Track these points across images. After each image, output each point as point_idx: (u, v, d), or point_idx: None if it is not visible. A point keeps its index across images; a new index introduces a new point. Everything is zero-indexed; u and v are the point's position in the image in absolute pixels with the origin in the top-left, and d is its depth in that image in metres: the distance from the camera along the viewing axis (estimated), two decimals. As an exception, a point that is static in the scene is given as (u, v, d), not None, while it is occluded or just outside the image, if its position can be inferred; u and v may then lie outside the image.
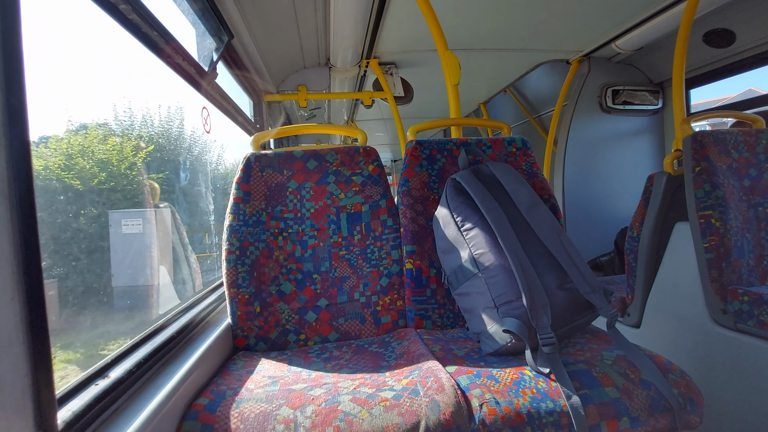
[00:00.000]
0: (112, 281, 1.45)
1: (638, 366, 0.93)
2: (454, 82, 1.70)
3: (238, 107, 2.26)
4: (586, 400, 0.85)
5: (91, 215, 1.31)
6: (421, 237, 1.33)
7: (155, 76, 1.40)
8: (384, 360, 1.07)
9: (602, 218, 2.85)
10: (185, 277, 1.78)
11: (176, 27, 1.35)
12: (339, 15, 2.03)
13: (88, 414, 0.64)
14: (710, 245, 1.49)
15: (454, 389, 0.84)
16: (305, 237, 1.32)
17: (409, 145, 1.42)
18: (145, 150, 1.50)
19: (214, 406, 0.82)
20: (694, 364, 1.53)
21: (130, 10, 1.09)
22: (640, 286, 1.81)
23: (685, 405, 0.88)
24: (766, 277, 1.49)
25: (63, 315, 1.18)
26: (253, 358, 1.12)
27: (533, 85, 3.59)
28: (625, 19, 2.30)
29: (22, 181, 0.51)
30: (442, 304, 1.31)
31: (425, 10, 1.67)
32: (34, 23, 0.84)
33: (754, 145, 1.60)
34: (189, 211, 1.91)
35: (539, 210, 1.18)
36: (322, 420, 0.77)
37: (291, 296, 1.27)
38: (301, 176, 1.35)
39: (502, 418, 0.81)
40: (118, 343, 1.12)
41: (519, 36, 2.47)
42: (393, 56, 2.73)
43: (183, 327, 1.05)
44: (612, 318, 1.04)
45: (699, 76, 2.54)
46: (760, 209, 1.54)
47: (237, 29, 2.00)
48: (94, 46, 1.08)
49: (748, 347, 1.37)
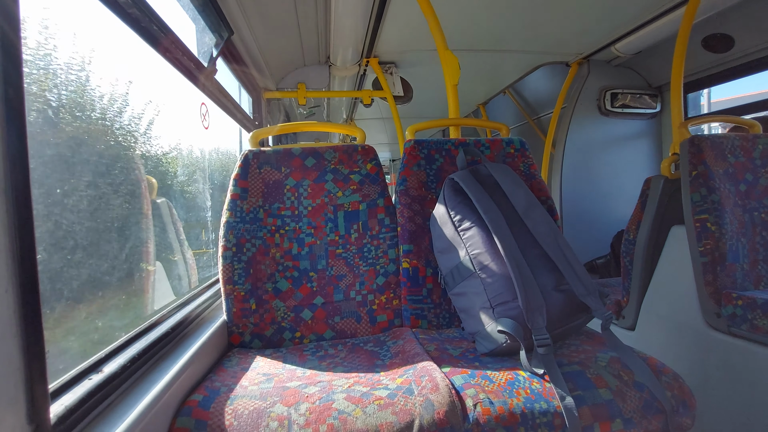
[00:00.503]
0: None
1: (632, 368, 0.93)
2: (454, 83, 1.70)
3: (237, 104, 2.26)
4: (579, 401, 0.85)
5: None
6: (418, 236, 1.33)
7: (154, 70, 1.39)
8: (379, 359, 1.07)
9: (599, 220, 2.86)
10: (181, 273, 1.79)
11: (176, 22, 1.35)
12: (340, 13, 2.03)
13: (81, 408, 0.64)
14: (705, 249, 1.50)
15: (449, 389, 0.84)
16: (302, 235, 1.32)
17: (408, 144, 1.42)
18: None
19: (208, 403, 0.82)
20: (687, 367, 1.54)
21: (131, 4, 1.09)
22: (636, 288, 1.82)
23: (677, 407, 0.88)
24: (760, 281, 1.50)
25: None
26: (248, 355, 1.12)
27: (532, 86, 3.60)
28: (624, 23, 2.31)
29: (19, 174, 0.51)
30: (438, 303, 1.31)
31: (426, 9, 1.67)
32: (33, 19, 0.83)
33: (751, 150, 1.60)
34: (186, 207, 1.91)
35: (536, 211, 1.18)
36: (316, 418, 0.77)
37: (287, 294, 1.27)
38: (299, 174, 1.35)
39: (496, 418, 0.81)
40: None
41: (519, 37, 2.48)
42: (393, 55, 2.73)
43: (178, 323, 1.05)
44: (606, 320, 1.04)
45: (697, 80, 2.55)
46: (756, 214, 1.55)
47: (237, 25, 2.00)
48: (94, 40, 1.08)
49: (741, 351, 1.38)
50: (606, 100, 2.84)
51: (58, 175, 0.92)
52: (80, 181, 1.00)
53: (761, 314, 1.32)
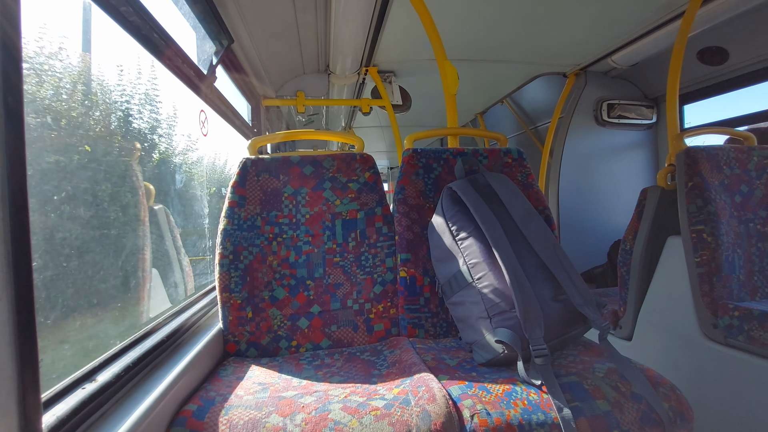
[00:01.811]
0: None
1: (629, 379, 0.93)
2: (452, 92, 1.71)
3: (236, 111, 2.27)
4: (577, 412, 0.85)
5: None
6: (415, 245, 1.33)
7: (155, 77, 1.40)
8: (376, 368, 1.06)
9: (596, 230, 2.87)
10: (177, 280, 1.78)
11: (177, 30, 1.35)
12: (339, 22, 2.05)
13: (74, 418, 0.63)
14: (702, 260, 1.50)
15: (446, 399, 0.84)
16: (300, 243, 1.31)
17: (406, 153, 1.43)
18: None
19: (203, 413, 0.81)
20: (684, 378, 1.54)
21: (132, 12, 1.09)
22: (633, 299, 1.82)
23: (675, 419, 0.88)
24: (756, 292, 1.51)
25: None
26: (243, 364, 1.11)
27: (530, 96, 3.63)
28: (621, 35, 2.34)
29: (16, 179, 0.51)
30: (436, 313, 1.31)
31: (425, 20, 1.69)
32: (34, 23, 0.84)
33: (746, 161, 1.62)
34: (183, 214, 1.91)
35: (534, 221, 1.18)
36: (311, 428, 0.77)
37: (284, 302, 1.26)
38: (298, 182, 1.35)
39: (493, 429, 0.80)
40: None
41: (517, 48, 2.50)
42: (392, 64, 2.75)
43: (173, 331, 1.04)
44: (604, 330, 1.04)
45: (693, 92, 2.58)
46: (751, 225, 1.56)
47: (237, 33, 2.01)
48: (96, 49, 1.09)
49: (738, 362, 1.38)
50: (603, 111, 2.86)
51: (54, 181, 0.92)
52: (77, 187, 0.99)
53: (757, 325, 1.32)
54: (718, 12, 1.95)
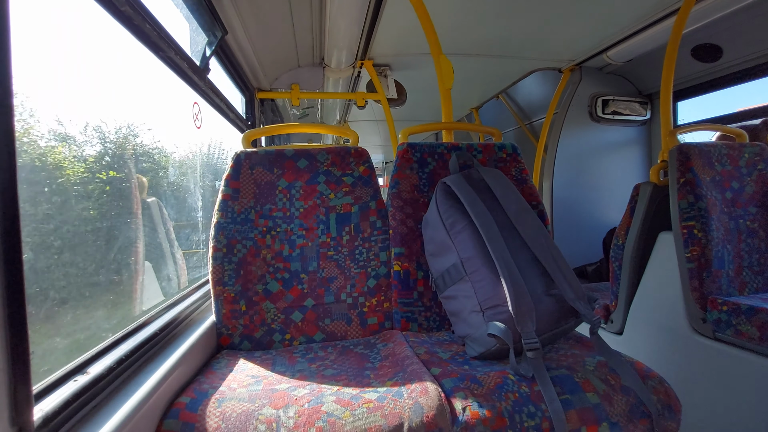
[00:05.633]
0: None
1: (619, 372, 0.94)
2: (447, 87, 1.71)
3: (230, 104, 2.24)
4: (567, 405, 0.86)
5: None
6: (409, 239, 1.34)
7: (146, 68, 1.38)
8: (369, 361, 1.07)
9: (589, 225, 2.90)
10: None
11: (170, 21, 1.34)
12: (335, 15, 2.03)
13: (66, 411, 0.63)
14: (692, 255, 1.52)
15: (438, 392, 0.84)
16: (294, 236, 1.31)
17: (401, 147, 1.42)
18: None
19: (196, 405, 0.81)
20: (673, 372, 1.56)
21: (123, 2, 1.08)
22: (624, 293, 1.84)
23: (663, 411, 0.90)
24: (744, 287, 1.53)
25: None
26: (237, 356, 1.11)
27: (525, 92, 3.63)
28: (616, 31, 2.34)
29: (5, 174, 0.50)
30: (429, 306, 1.32)
31: (421, 13, 1.68)
32: (22, 15, 0.82)
33: (737, 158, 1.64)
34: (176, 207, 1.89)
35: (527, 216, 1.19)
36: (304, 421, 0.77)
37: (277, 295, 1.26)
38: (292, 175, 1.35)
39: (485, 421, 0.81)
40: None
41: (512, 43, 2.50)
42: (387, 58, 2.74)
43: (166, 324, 1.04)
44: (595, 324, 1.06)
45: (687, 88, 2.59)
46: (741, 221, 1.58)
47: (231, 25, 1.99)
48: (84, 39, 1.07)
49: (726, 356, 1.40)
50: (597, 107, 2.88)
51: (45, 173, 0.91)
52: (68, 179, 0.98)
53: (745, 320, 1.35)
54: (712, 9, 1.96)
